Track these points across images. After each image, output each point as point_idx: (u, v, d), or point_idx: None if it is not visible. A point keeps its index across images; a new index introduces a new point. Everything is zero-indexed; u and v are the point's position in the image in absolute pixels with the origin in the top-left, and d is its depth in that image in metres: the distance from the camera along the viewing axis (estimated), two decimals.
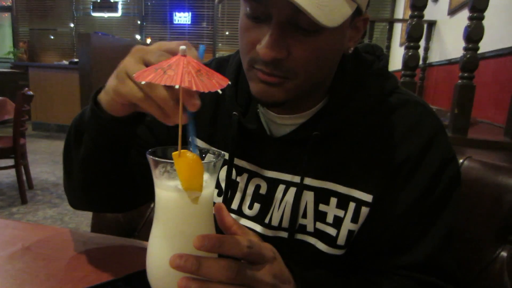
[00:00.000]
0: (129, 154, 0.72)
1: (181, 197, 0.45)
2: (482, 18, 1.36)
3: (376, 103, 0.69)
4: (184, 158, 0.43)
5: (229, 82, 0.44)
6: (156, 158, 0.46)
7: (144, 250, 0.69)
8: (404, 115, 0.69)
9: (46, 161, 4.81)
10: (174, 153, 0.44)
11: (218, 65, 0.82)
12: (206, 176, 0.46)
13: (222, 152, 0.52)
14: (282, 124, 0.72)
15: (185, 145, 0.46)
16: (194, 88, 0.39)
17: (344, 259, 0.70)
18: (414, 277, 0.65)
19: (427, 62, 4.01)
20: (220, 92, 0.41)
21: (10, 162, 3.36)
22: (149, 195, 0.78)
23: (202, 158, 0.50)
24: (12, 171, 3.44)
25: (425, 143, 0.66)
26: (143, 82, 0.41)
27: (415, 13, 1.45)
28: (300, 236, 0.71)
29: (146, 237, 0.69)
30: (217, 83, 0.42)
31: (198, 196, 0.45)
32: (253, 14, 0.59)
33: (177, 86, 0.39)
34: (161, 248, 0.48)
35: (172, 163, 0.44)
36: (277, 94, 0.62)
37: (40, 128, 6.88)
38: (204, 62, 0.76)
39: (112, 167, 0.70)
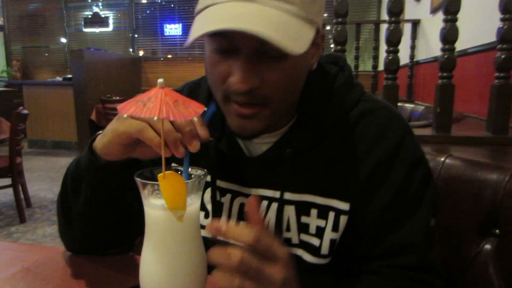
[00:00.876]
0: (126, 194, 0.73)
1: (167, 215, 0.49)
2: (456, 20, 1.40)
3: (343, 114, 0.71)
4: (168, 179, 0.47)
5: (205, 109, 0.48)
6: (143, 181, 0.49)
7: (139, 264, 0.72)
8: (371, 122, 0.71)
9: (43, 178, 4.82)
10: (159, 175, 0.47)
11: (190, 91, 0.83)
12: (190, 194, 0.50)
13: (205, 170, 0.54)
14: (258, 143, 0.74)
15: (169, 165, 0.50)
16: (172, 118, 0.43)
17: (330, 268, 0.72)
18: (403, 275, 0.67)
19: (414, 60, 4.05)
20: (195, 119, 0.45)
21: (7, 181, 3.36)
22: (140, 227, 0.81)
23: (189, 179, 0.53)
24: (10, 190, 3.44)
25: (393, 147, 0.69)
26: (125, 116, 0.45)
27: (392, 19, 1.49)
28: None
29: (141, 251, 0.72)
30: (194, 111, 0.46)
31: (183, 215, 0.49)
32: (221, 48, 0.60)
33: (155, 118, 0.43)
34: (151, 263, 0.51)
35: (158, 184, 0.47)
36: (255, 125, 0.64)
37: (36, 145, 6.89)
38: (176, 88, 0.79)
39: (112, 209, 0.71)
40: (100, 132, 0.64)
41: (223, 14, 0.56)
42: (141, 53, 8.28)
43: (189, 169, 0.54)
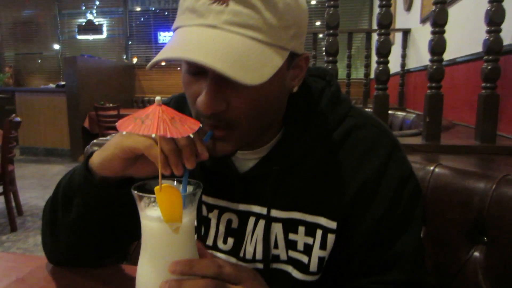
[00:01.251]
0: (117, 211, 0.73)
1: (163, 227, 0.50)
2: (443, 32, 1.43)
3: (329, 132, 0.70)
4: (164, 192, 0.48)
5: (201, 125, 0.50)
6: (140, 193, 0.51)
7: (134, 273, 0.73)
8: (358, 139, 0.70)
9: (35, 186, 4.79)
10: (156, 188, 0.49)
11: (177, 104, 0.81)
12: (186, 206, 0.51)
13: (200, 183, 0.56)
14: (244, 159, 0.74)
15: (165, 178, 0.52)
16: (169, 135, 0.45)
17: (320, 285, 0.72)
18: None
19: (406, 68, 4.10)
20: (191, 135, 0.47)
21: None
22: (132, 238, 0.80)
23: (184, 191, 0.55)
24: (1, 198, 3.40)
25: (380, 164, 0.68)
26: (124, 132, 0.46)
27: (382, 31, 1.52)
28: (276, 265, 0.73)
29: (137, 261, 0.72)
30: (189, 128, 0.47)
31: (179, 227, 0.50)
32: (191, 70, 0.61)
33: (153, 135, 0.45)
34: (147, 273, 0.53)
35: (155, 197, 0.49)
36: (225, 147, 0.63)
37: (28, 152, 6.84)
38: (164, 99, 0.80)
39: (102, 226, 0.71)
40: (98, 149, 0.65)
41: (183, 41, 0.55)
42: (134, 60, 8.28)
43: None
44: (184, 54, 0.52)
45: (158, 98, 0.48)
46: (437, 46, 1.41)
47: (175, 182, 0.56)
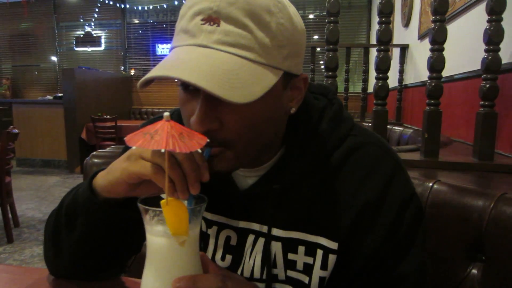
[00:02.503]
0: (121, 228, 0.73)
1: (170, 240, 0.51)
2: (442, 49, 1.45)
3: (331, 150, 0.69)
4: (171, 206, 0.49)
5: (208, 140, 0.50)
6: (146, 207, 0.51)
7: (136, 286, 0.73)
8: (360, 159, 0.69)
9: (32, 197, 4.73)
10: (162, 201, 0.49)
11: (179, 117, 0.79)
12: (191, 220, 0.52)
13: (205, 196, 0.56)
14: (244, 176, 0.74)
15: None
16: (178, 150, 0.46)
17: None
18: None
19: (403, 84, 4.13)
20: (199, 150, 0.48)
21: None
22: (132, 251, 0.80)
23: (190, 204, 0.55)
24: None
25: (383, 185, 0.67)
26: (134, 147, 0.47)
27: (381, 47, 1.54)
28: (277, 285, 0.72)
29: (136, 273, 0.72)
30: (197, 143, 0.48)
31: (185, 240, 0.51)
32: (183, 88, 0.61)
33: (163, 150, 0.45)
34: (152, 286, 0.52)
35: (161, 210, 0.49)
36: (219, 164, 0.61)
37: (24, 164, 6.81)
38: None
39: (106, 243, 0.71)
40: (102, 168, 0.65)
41: (172, 60, 0.56)
42: (132, 72, 8.32)
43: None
44: (169, 73, 0.52)
45: (166, 114, 0.49)
46: (436, 63, 1.43)
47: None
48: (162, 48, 8.17)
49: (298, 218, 0.70)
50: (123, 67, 8.41)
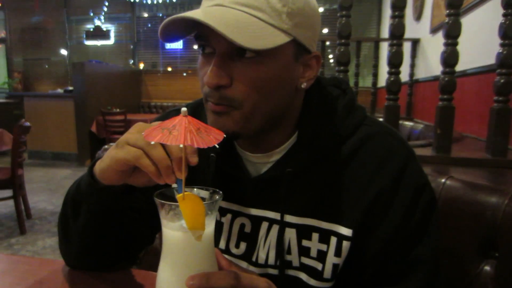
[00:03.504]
0: (125, 215, 0.74)
1: (186, 235, 0.51)
2: (456, 44, 1.43)
3: (345, 138, 0.70)
4: (188, 200, 0.49)
5: (225, 136, 0.50)
6: (162, 201, 0.51)
7: (148, 279, 0.73)
8: (373, 148, 0.70)
9: (43, 190, 4.79)
10: (179, 196, 0.49)
11: (193, 110, 0.82)
12: (208, 214, 0.52)
13: (220, 192, 0.56)
14: (257, 163, 0.75)
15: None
16: (196, 145, 0.46)
17: None
18: None
19: (414, 78, 4.09)
20: (217, 146, 0.48)
21: (8, 192, 3.37)
22: (144, 243, 0.82)
23: (203, 199, 0.55)
24: (10, 202, 3.45)
25: (396, 174, 0.68)
26: (152, 142, 0.47)
27: (394, 42, 1.52)
28: (291, 272, 0.73)
29: (148, 265, 0.73)
30: (215, 138, 0.48)
31: (201, 234, 0.51)
32: (203, 50, 0.66)
33: (181, 145, 0.46)
34: (168, 280, 0.53)
35: (177, 204, 0.49)
36: (226, 123, 0.64)
37: (35, 156, 6.89)
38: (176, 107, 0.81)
39: (111, 230, 0.72)
40: (102, 155, 0.66)
41: (193, 12, 0.59)
42: (141, 65, 8.34)
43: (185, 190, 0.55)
44: (188, 15, 0.58)
45: (184, 109, 0.49)
46: (450, 58, 1.41)
47: (195, 189, 0.56)
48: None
49: (311, 205, 0.71)
50: (132, 61, 8.44)
